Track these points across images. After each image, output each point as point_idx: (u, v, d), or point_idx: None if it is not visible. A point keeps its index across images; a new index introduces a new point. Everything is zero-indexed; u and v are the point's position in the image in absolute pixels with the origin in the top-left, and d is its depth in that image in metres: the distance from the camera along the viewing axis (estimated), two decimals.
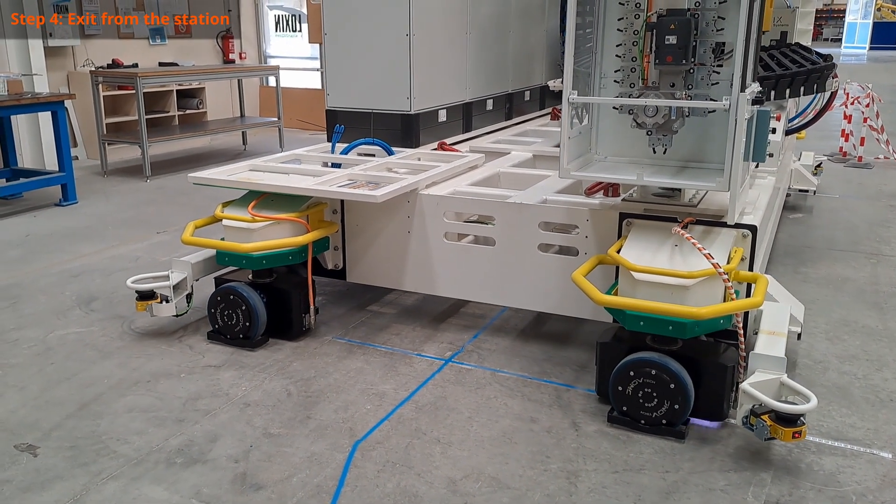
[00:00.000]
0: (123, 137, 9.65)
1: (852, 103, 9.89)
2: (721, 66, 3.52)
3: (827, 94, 5.73)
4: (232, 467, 3.11)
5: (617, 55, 3.70)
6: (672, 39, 3.39)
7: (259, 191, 4.29)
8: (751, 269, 3.61)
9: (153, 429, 3.40)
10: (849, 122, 9.92)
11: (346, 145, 4.98)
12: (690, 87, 3.55)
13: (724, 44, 3.48)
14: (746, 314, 3.56)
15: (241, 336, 4.26)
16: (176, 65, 10.72)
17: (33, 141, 8.95)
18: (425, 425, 3.43)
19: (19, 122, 8.69)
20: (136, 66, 10.07)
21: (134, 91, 9.14)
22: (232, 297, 4.23)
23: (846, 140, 9.94)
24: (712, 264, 3.20)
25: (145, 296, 4.27)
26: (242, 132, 11.42)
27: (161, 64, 10.77)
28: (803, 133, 8.33)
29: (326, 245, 4.53)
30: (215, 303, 4.31)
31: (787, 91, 5.02)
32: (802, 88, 5.11)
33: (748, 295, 3.56)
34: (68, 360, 4.10)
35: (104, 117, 9.42)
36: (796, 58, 5.39)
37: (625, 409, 3.39)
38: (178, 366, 4.02)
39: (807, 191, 7.39)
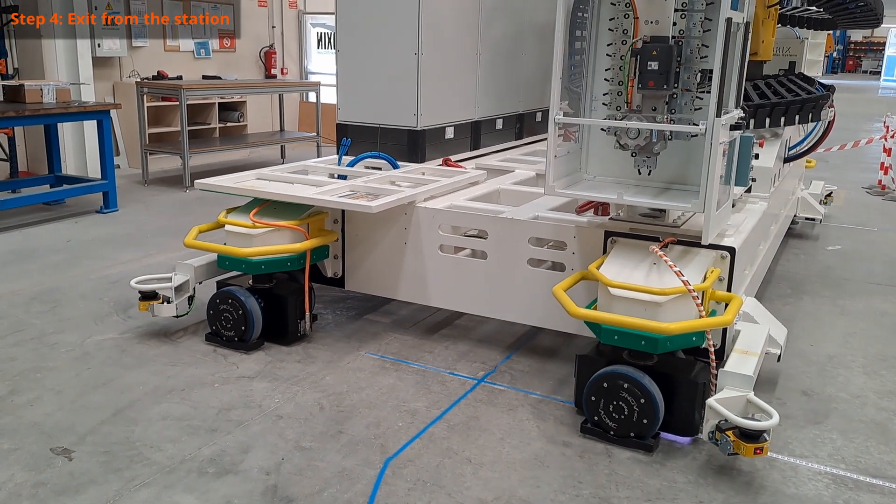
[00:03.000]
0: (165, 148, 9.83)
1: (892, 136, 9.75)
2: (708, 92, 3.57)
3: (824, 124, 5.78)
4: (263, 479, 3.12)
5: (605, 79, 3.80)
6: (654, 65, 3.48)
7: (262, 198, 4.42)
8: (729, 289, 3.68)
9: (186, 437, 3.43)
10: (888, 156, 9.77)
11: (352, 158, 5.13)
12: (674, 111, 3.64)
13: (710, 70, 3.53)
14: (724, 332, 3.62)
15: (236, 339, 4.40)
16: (219, 78, 10.91)
17: (77, 148, 9.13)
18: (457, 445, 3.42)
19: (65, 130, 8.88)
20: (180, 78, 10.27)
21: (177, 102, 9.32)
22: (229, 300, 4.37)
23: (885, 173, 9.81)
24: (682, 282, 3.29)
25: (148, 296, 4.41)
26: (281, 146, 11.56)
27: (205, 77, 10.97)
28: (813, 162, 8.32)
29: (326, 253, 4.65)
30: (213, 305, 4.45)
31: (782, 119, 5.08)
32: (797, 117, 5.18)
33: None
34: (105, 366, 4.16)
35: (147, 127, 9.60)
36: (792, 87, 5.42)
37: (597, 419, 3.48)
38: (212, 375, 4.06)
39: (814, 219, 7.42)
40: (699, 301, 3.30)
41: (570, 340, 4.58)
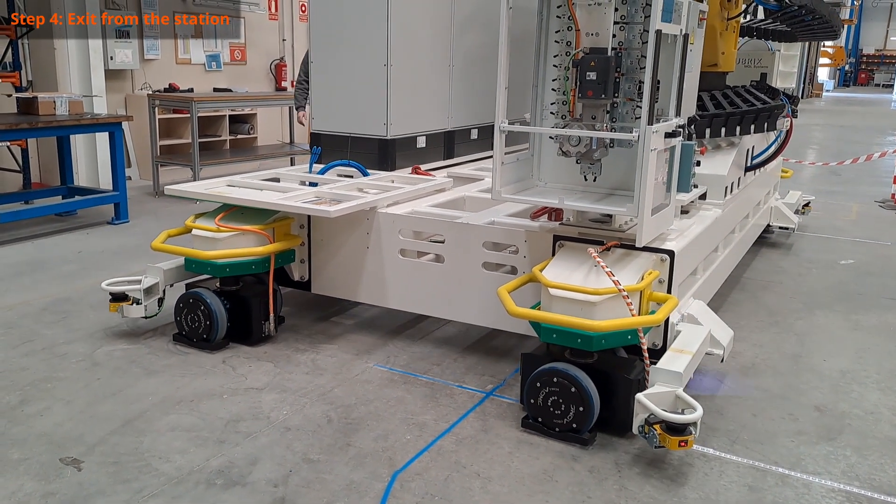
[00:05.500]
0: (176, 160, 9.88)
1: None
2: (655, 101, 3.70)
3: (782, 133, 5.95)
4: (271, 491, 3.11)
5: (553, 89, 3.95)
6: (592, 76, 3.62)
7: (231, 203, 4.58)
8: (669, 290, 3.82)
9: (195, 448, 3.43)
10: None
11: (322, 166, 5.29)
12: (615, 119, 3.77)
13: (657, 81, 3.66)
14: (666, 332, 3.78)
15: (201, 339, 4.51)
16: (230, 91, 10.97)
17: (89, 160, 9.20)
18: (465, 458, 3.40)
19: (77, 142, 8.94)
20: (191, 90, 10.33)
21: (188, 115, 9.37)
22: (195, 301, 4.50)
23: None
24: (613, 282, 3.43)
25: (118, 297, 4.55)
26: (291, 158, 11.59)
27: (215, 89, 11.03)
28: (789, 172, 8.42)
29: (292, 257, 4.79)
30: (180, 307, 4.58)
31: (737, 128, 5.20)
32: (753, 127, 5.30)
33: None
34: (114, 376, 4.17)
35: (158, 139, 9.65)
36: (748, 97, 5.54)
37: (537, 414, 3.61)
38: (220, 386, 4.06)
39: (787, 228, 7.51)
40: (629, 301, 3.43)
41: None
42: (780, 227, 7.51)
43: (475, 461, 3.37)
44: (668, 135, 3.67)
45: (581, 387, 3.45)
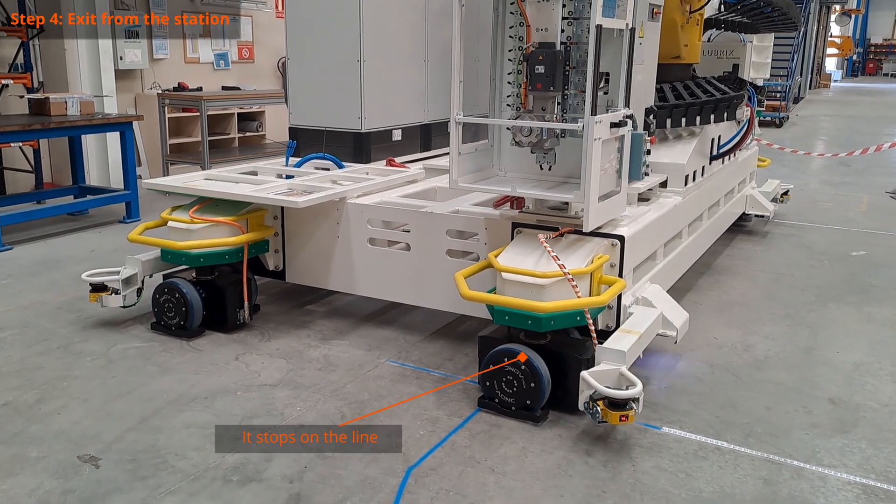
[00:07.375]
0: (186, 158, 9.89)
1: None
2: (604, 93, 3.92)
3: (744, 124, 6.06)
4: (286, 487, 3.13)
5: (508, 82, 4.11)
6: (541, 69, 3.77)
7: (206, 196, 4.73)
8: (620, 274, 3.98)
9: (210, 445, 3.45)
10: None
11: (298, 159, 5.46)
12: (566, 111, 3.93)
13: (604, 73, 3.78)
14: (619, 314, 3.93)
15: (178, 327, 4.66)
16: (238, 89, 10.99)
17: (100, 160, 9.22)
18: (479, 453, 3.41)
19: (88, 142, 8.97)
20: (200, 89, 10.35)
21: (197, 113, 9.39)
22: (171, 291, 4.64)
23: None
24: (558, 265, 3.56)
25: (97, 288, 4.70)
26: None
27: (224, 88, 11.05)
28: (767, 161, 8.55)
29: (266, 247, 4.92)
30: (157, 296, 4.72)
31: (697, 118, 5.29)
32: (712, 116, 5.40)
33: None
34: (129, 374, 4.20)
35: (168, 138, 9.68)
36: (708, 88, 5.65)
37: (493, 395, 3.75)
38: (234, 383, 4.08)
39: (763, 216, 7.65)
40: (574, 283, 3.55)
41: None
42: (757, 215, 7.66)
43: (489, 456, 3.39)
44: (615, 125, 3.77)
45: (532, 366, 3.58)
